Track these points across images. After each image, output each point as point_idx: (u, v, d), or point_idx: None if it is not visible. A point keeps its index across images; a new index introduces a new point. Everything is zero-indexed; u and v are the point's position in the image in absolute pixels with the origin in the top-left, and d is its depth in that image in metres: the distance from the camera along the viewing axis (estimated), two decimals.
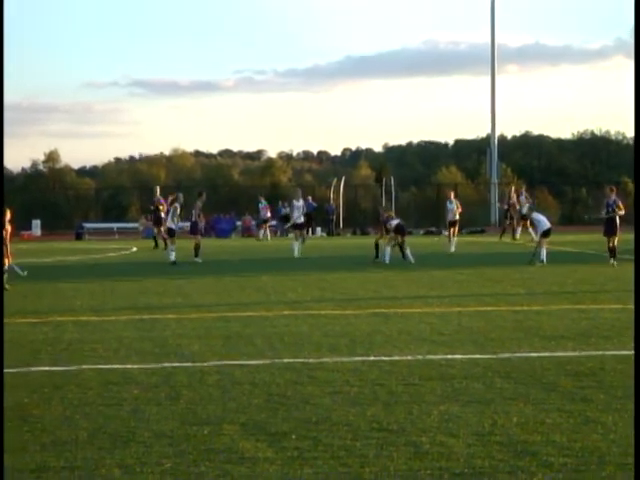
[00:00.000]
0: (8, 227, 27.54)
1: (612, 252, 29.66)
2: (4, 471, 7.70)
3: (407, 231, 36.63)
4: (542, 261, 30.59)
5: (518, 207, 46.10)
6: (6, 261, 26.49)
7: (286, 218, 61.14)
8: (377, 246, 33.78)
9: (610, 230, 30.08)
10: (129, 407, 10.36)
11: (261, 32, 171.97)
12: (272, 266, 33.53)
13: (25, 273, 27.88)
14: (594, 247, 37.26)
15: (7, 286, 26.25)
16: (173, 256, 33.99)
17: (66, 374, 12.49)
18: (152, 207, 45.42)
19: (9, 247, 27.33)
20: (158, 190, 44.97)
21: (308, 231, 61.52)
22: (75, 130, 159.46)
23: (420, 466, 7.90)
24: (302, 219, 41.18)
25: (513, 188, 49.72)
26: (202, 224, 38.49)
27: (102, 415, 10.00)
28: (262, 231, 55.83)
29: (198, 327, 17.05)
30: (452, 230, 39.69)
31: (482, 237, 51.50)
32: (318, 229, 64.75)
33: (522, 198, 46.96)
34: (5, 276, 25.45)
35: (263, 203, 53.29)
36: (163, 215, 41.27)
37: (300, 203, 41.02)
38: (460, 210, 39.94)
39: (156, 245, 43.10)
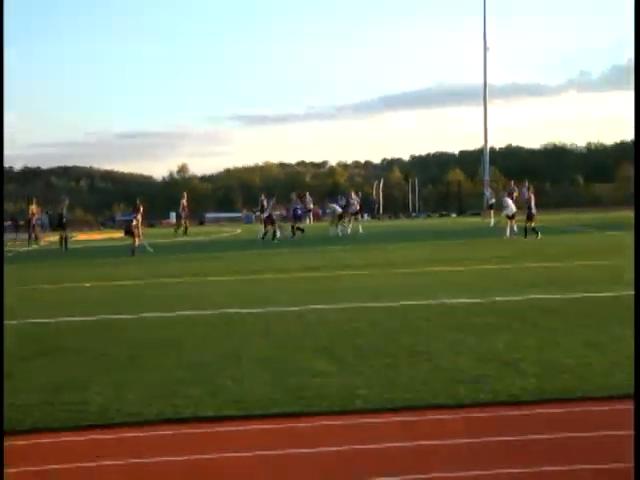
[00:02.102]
0: (139, 217, 28.17)
1: (534, 229, 29.22)
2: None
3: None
4: (515, 233, 30.37)
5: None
6: (137, 240, 27.12)
7: (344, 208, 60.95)
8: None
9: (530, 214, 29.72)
10: (238, 338, 10.48)
11: (325, 79, 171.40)
12: (334, 241, 33.54)
13: (152, 250, 28.19)
14: (550, 224, 36.91)
15: (150, 249, 26.88)
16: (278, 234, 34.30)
17: (198, 316, 12.63)
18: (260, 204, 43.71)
19: (140, 230, 27.97)
20: (263, 195, 42.94)
21: (360, 216, 61.21)
22: (198, 150, 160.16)
23: (437, 376, 7.94)
24: (357, 208, 40.64)
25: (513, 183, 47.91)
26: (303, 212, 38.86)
27: (220, 343, 10.13)
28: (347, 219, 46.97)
29: (284, 284, 17.14)
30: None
31: (478, 218, 51.04)
32: (365, 215, 64.66)
33: (524, 190, 45.48)
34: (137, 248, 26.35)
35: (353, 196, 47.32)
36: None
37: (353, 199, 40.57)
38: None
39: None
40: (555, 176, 75.58)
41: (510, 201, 31.92)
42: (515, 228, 30.87)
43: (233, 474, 5.44)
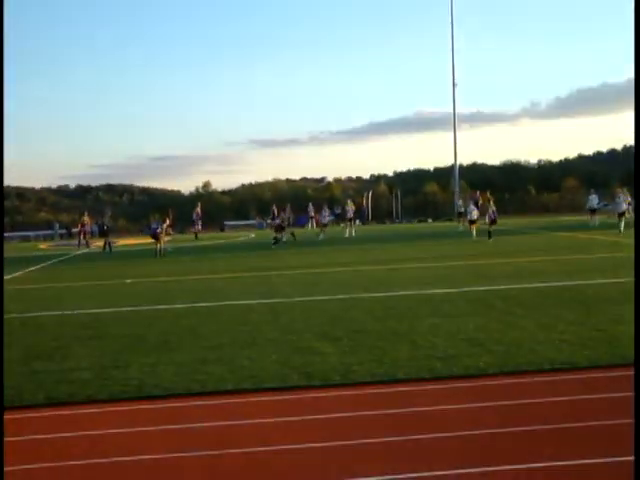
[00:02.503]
0: (164, 226, 28.49)
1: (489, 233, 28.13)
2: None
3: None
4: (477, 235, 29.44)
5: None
6: (161, 244, 27.52)
7: (340, 216, 61.02)
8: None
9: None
10: (251, 325, 10.42)
11: (323, 109, 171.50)
12: (332, 242, 33.48)
13: (171, 250, 28.64)
14: (509, 227, 36.86)
15: (170, 249, 26.92)
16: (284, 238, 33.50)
17: (215, 307, 12.58)
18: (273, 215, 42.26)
19: (164, 236, 28.16)
20: (274, 205, 41.71)
21: (354, 222, 61.28)
22: (218, 169, 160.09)
23: (417, 354, 7.90)
24: (351, 215, 40.35)
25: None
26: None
27: (236, 329, 10.07)
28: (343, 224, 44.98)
29: (289, 279, 17.09)
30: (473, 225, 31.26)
31: (450, 222, 50.96)
32: (357, 221, 64.70)
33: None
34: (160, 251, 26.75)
35: (349, 205, 43.41)
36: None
37: (349, 208, 40.35)
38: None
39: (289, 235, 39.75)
40: (512, 188, 75.67)
41: (474, 208, 31.52)
42: (474, 231, 30.05)
43: (251, 438, 5.39)
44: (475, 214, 30.66)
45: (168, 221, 29.12)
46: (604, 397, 6.00)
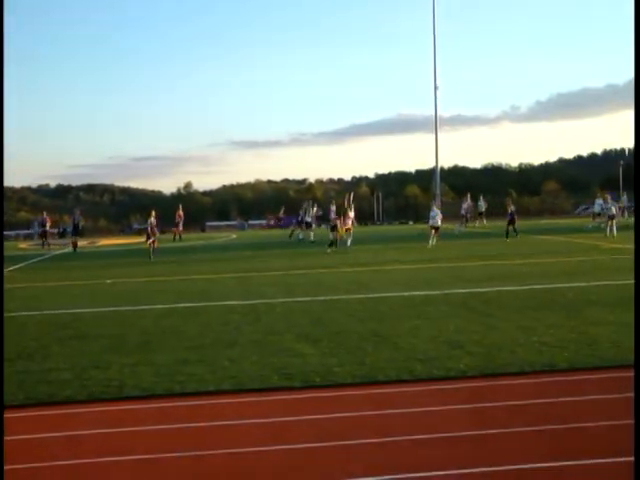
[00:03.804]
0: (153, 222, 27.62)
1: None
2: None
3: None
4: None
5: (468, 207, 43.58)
6: (154, 244, 26.37)
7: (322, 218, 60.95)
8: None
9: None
10: (233, 326, 10.39)
11: (305, 111, 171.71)
12: (314, 244, 33.44)
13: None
14: (489, 230, 37.00)
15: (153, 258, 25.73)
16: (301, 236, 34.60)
17: (197, 308, 12.53)
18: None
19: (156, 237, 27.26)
20: (305, 203, 40.24)
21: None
22: (200, 169, 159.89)
23: (397, 355, 7.92)
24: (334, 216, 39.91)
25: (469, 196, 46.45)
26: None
27: (217, 330, 10.04)
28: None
29: (270, 280, 17.06)
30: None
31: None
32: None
33: (480, 202, 44.50)
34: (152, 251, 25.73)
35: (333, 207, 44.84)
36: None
37: (333, 208, 40.14)
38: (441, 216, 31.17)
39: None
40: (493, 191, 76.20)
41: (437, 212, 29.14)
42: (434, 238, 28.21)
43: (232, 439, 5.37)
44: (439, 219, 28.51)
45: (153, 220, 28.28)
46: (584, 399, 6.03)
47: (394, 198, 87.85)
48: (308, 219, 35.41)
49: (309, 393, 6.55)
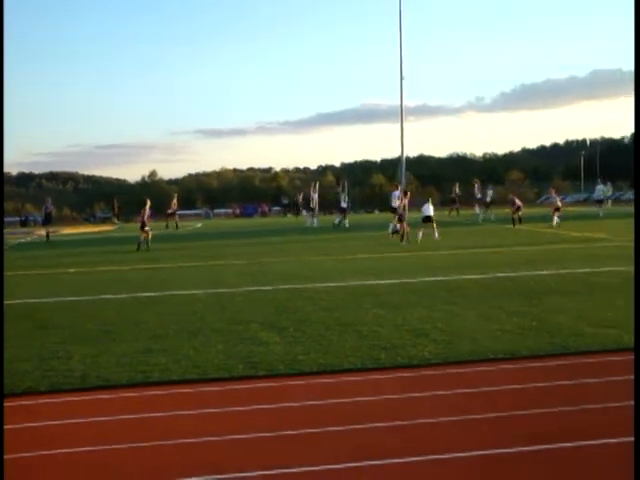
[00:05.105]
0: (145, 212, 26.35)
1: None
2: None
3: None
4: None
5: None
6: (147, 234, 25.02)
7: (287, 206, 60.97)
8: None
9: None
10: (197, 315, 10.33)
11: (270, 100, 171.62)
12: (278, 233, 33.40)
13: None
14: (457, 219, 37.33)
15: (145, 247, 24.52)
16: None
17: (159, 297, 12.44)
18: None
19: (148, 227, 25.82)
20: (340, 188, 39.28)
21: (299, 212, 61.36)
22: (165, 158, 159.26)
23: (362, 343, 7.93)
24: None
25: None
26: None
27: (181, 319, 9.98)
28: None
29: (235, 269, 17.02)
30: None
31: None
32: (304, 211, 64.73)
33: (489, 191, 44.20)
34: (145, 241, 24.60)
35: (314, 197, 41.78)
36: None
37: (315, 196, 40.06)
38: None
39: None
40: (458, 180, 77.12)
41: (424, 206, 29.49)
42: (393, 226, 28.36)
43: (195, 428, 5.33)
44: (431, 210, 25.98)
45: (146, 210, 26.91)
46: (544, 386, 6.10)
47: (360, 187, 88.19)
48: (343, 204, 35.90)
49: (274, 382, 6.54)
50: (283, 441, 5.00)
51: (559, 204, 31.06)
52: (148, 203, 26.82)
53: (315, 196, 39.26)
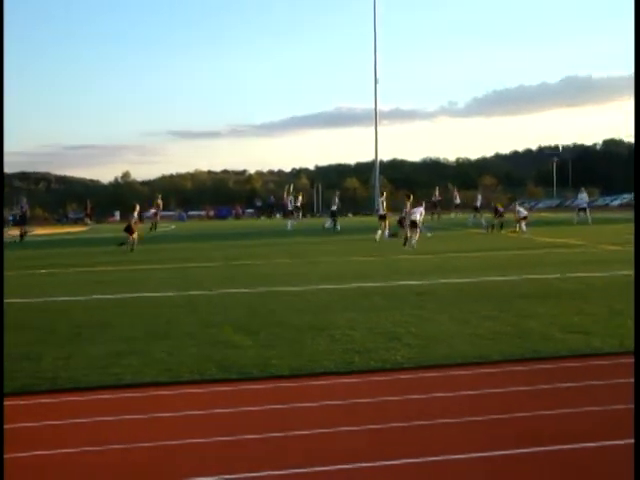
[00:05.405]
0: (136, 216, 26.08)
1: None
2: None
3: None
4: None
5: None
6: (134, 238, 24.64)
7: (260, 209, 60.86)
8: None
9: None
10: (169, 317, 10.26)
11: (244, 102, 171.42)
12: (251, 236, 33.33)
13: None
14: (431, 223, 37.53)
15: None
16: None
17: (131, 299, 12.36)
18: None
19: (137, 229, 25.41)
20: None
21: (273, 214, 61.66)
22: (138, 159, 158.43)
23: (334, 346, 7.93)
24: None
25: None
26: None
27: (153, 322, 9.92)
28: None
29: (207, 272, 16.96)
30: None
31: (369, 218, 51.52)
32: (278, 215, 64.77)
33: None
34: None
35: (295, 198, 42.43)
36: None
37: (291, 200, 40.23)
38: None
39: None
40: (431, 184, 77.48)
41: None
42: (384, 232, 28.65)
43: (166, 431, 5.30)
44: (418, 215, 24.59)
45: (137, 211, 26.46)
46: (517, 390, 6.15)
47: (333, 190, 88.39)
48: (333, 208, 35.79)
49: (247, 385, 6.52)
50: (245, 445, 4.98)
51: (526, 213, 31.24)
52: (137, 208, 26.77)
53: (291, 199, 39.31)
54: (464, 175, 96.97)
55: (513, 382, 6.39)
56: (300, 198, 39.68)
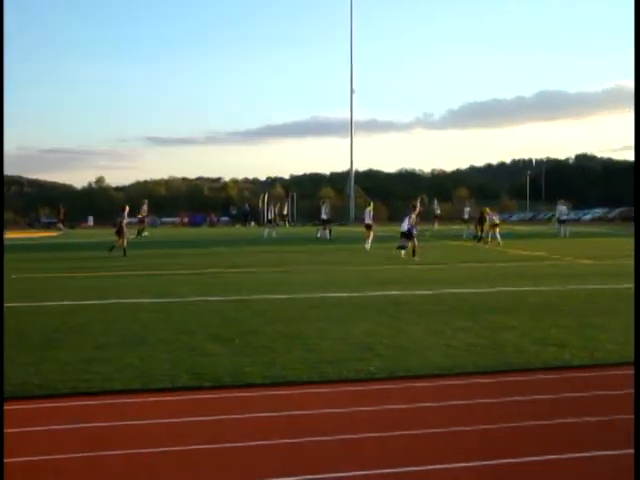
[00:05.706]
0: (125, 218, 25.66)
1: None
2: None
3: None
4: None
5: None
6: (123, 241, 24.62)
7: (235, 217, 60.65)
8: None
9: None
10: (142, 324, 10.19)
11: (220, 110, 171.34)
12: (227, 244, 33.21)
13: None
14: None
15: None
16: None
17: (104, 305, 12.25)
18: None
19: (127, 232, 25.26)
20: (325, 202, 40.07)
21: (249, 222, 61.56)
22: (112, 164, 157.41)
23: (308, 356, 7.91)
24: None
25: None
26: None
27: (126, 328, 9.84)
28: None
29: (184, 279, 16.87)
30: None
31: (346, 227, 51.67)
32: (252, 223, 64.66)
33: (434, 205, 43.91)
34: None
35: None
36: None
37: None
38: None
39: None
40: (407, 195, 77.87)
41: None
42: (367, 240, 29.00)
43: (137, 439, 5.25)
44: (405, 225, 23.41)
45: (126, 211, 26.02)
46: (489, 402, 6.18)
47: (308, 199, 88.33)
48: (324, 216, 35.99)
49: (219, 393, 6.49)
50: (219, 454, 4.95)
51: (497, 221, 31.56)
52: (127, 209, 26.38)
53: (271, 207, 39.48)
54: (439, 187, 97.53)
55: (486, 393, 6.41)
56: (287, 207, 39.91)
